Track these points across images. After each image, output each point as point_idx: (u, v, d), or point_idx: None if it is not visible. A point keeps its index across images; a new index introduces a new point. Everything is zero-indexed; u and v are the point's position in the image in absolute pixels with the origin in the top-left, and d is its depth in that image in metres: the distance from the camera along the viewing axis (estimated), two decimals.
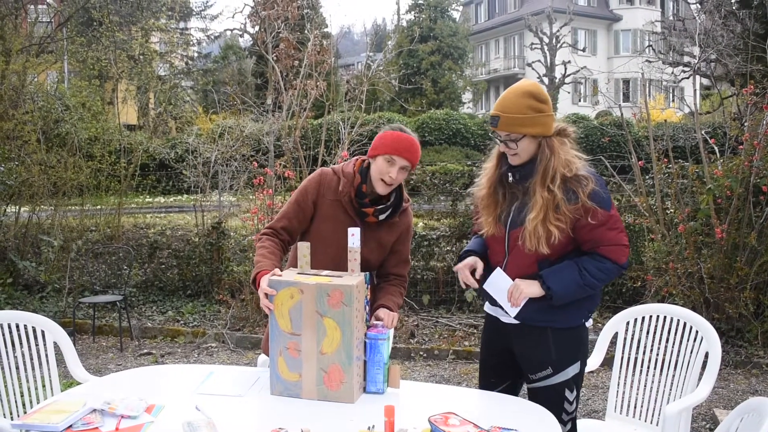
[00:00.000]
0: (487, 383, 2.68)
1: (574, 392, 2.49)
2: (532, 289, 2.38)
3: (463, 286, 2.57)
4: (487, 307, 2.65)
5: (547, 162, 2.32)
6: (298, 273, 2.38)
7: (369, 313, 2.46)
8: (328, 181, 2.63)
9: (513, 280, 2.44)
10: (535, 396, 2.48)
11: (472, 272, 2.50)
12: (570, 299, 2.38)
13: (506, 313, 2.48)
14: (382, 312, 2.52)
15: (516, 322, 2.49)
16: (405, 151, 2.52)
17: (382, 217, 2.58)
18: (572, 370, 2.47)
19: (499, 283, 2.47)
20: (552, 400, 2.41)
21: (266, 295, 2.29)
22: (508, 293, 2.42)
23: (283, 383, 2.30)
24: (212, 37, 29.13)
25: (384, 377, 2.34)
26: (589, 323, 2.57)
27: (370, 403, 2.24)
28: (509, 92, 2.39)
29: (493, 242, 2.51)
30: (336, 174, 2.64)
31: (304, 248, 2.46)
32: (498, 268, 2.48)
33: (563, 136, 2.40)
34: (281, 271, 2.39)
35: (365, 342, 2.33)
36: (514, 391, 2.65)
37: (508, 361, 2.59)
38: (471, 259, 2.52)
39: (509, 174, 2.44)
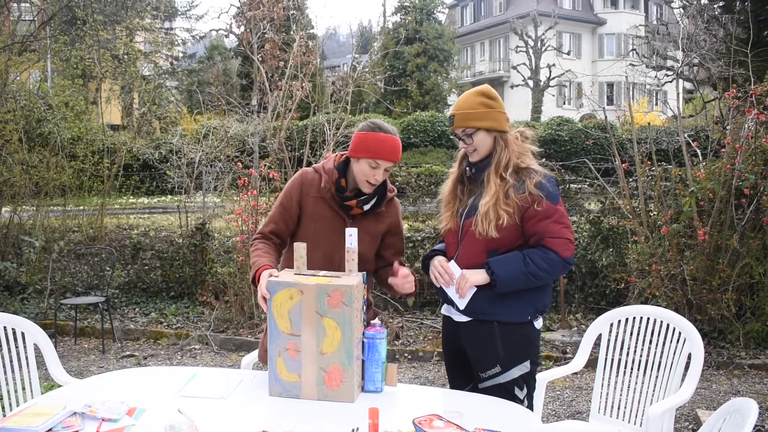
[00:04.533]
0: (454, 385, 2.74)
1: (524, 390, 2.54)
2: (477, 277, 2.47)
3: (436, 284, 2.61)
4: (444, 309, 2.74)
5: (501, 153, 2.51)
6: (296, 274, 2.37)
7: (365, 304, 2.45)
8: (309, 179, 2.65)
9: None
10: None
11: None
12: (514, 287, 2.45)
13: (457, 309, 2.56)
14: (399, 265, 2.58)
15: (466, 319, 2.57)
16: (389, 153, 2.53)
17: (366, 207, 2.61)
18: (520, 370, 2.52)
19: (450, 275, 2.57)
20: (502, 399, 2.43)
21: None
22: (456, 284, 2.50)
23: (282, 384, 2.29)
24: (197, 37, 28.94)
25: (382, 376, 2.36)
26: (539, 324, 2.60)
27: (368, 403, 2.21)
28: (463, 95, 2.62)
29: (449, 235, 2.64)
30: (317, 172, 2.66)
31: (300, 249, 2.44)
32: (452, 261, 2.57)
33: (522, 138, 2.58)
34: (278, 271, 2.38)
35: (363, 341, 2.34)
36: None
37: (466, 361, 2.64)
38: (440, 257, 2.64)
39: (467, 169, 2.60)
